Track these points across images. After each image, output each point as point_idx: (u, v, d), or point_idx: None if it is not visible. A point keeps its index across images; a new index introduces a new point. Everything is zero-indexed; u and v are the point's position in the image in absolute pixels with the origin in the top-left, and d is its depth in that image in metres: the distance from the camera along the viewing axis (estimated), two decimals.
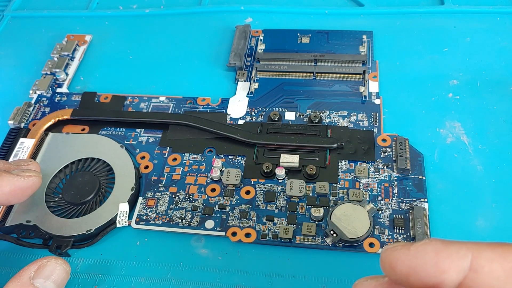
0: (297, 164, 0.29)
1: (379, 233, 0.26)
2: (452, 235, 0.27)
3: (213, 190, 0.29)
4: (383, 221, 0.27)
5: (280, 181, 0.29)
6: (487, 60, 0.34)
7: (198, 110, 0.34)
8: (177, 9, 0.42)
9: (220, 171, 0.30)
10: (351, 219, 0.26)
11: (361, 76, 0.34)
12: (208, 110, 0.34)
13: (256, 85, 0.35)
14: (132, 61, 0.38)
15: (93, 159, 0.31)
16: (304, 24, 0.39)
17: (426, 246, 0.14)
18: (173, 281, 0.26)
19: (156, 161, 0.31)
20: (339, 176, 0.29)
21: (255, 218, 0.28)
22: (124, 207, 0.28)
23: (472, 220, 0.27)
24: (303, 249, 0.27)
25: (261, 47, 0.37)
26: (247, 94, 0.34)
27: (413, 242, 0.14)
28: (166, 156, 0.31)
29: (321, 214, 0.27)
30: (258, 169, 0.30)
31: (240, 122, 0.32)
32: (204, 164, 0.31)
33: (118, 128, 0.33)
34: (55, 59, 0.38)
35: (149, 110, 0.34)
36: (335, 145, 0.30)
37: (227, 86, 0.35)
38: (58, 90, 0.36)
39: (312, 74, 0.35)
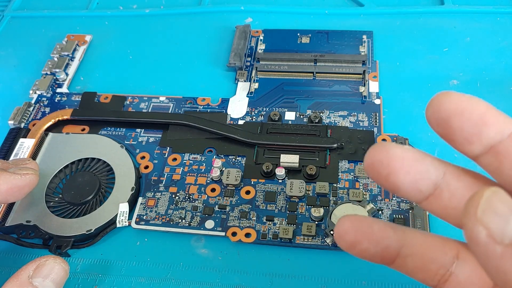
0: (297, 164, 0.29)
1: None
2: (452, 235, 0.27)
3: (213, 190, 0.29)
4: None
5: (280, 181, 0.29)
6: (487, 60, 0.34)
7: (198, 110, 0.34)
8: (177, 9, 0.42)
9: (220, 171, 0.30)
10: None
11: (361, 76, 0.34)
12: (208, 110, 0.34)
13: (256, 85, 0.35)
14: (132, 61, 0.38)
15: (93, 159, 0.31)
16: (304, 24, 0.39)
17: (479, 100, 0.14)
18: (173, 281, 0.26)
19: (156, 161, 0.31)
20: (339, 176, 0.29)
21: (255, 218, 0.28)
22: (124, 207, 0.28)
23: None
24: (303, 249, 0.27)
25: (261, 47, 0.37)
26: (247, 94, 0.34)
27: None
28: (166, 156, 0.31)
29: (321, 214, 0.27)
30: (258, 169, 0.30)
31: (240, 122, 0.32)
32: (204, 164, 0.31)
33: (118, 128, 0.33)
34: (55, 59, 0.38)
35: (149, 110, 0.34)
36: (335, 145, 0.30)
37: (227, 86, 0.35)
38: (58, 90, 0.36)
39: (312, 74, 0.35)
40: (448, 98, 0.14)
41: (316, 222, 0.27)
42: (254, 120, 0.33)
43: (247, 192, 0.29)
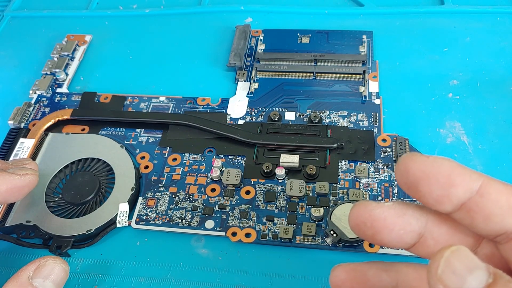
0: (297, 164, 0.29)
1: None
2: None
3: (213, 190, 0.29)
4: None
5: (280, 181, 0.29)
6: (487, 60, 0.34)
7: (198, 110, 0.34)
8: (177, 9, 0.42)
9: (220, 171, 0.30)
10: None
11: (361, 76, 0.34)
12: (208, 110, 0.34)
13: (256, 85, 0.35)
14: (132, 61, 0.38)
15: (93, 159, 0.31)
16: (304, 24, 0.39)
17: (444, 160, 0.14)
18: (173, 281, 0.26)
19: (156, 161, 0.31)
20: (339, 176, 0.29)
21: (255, 218, 0.28)
22: (124, 207, 0.28)
23: None
24: (303, 249, 0.27)
25: (261, 47, 0.37)
26: (247, 94, 0.34)
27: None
28: (166, 156, 0.31)
29: (321, 214, 0.27)
30: (258, 169, 0.30)
31: (240, 122, 0.32)
32: (204, 164, 0.31)
33: (118, 128, 0.33)
34: (55, 59, 0.38)
35: (149, 110, 0.34)
36: (335, 145, 0.30)
37: (227, 86, 0.35)
38: (58, 90, 0.36)
39: (312, 74, 0.35)
40: (413, 163, 0.14)
41: (316, 222, 0.27)
42: (254, 120, 0.33)
43: (247, 192, 0.29)
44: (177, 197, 0.29)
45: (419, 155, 0.15)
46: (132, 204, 0.29)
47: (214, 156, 0.31)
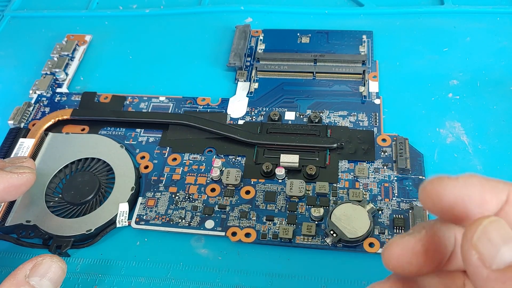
0: (297, 164, 0.29)
1: (379, 233, 0.26)
2: None
3: (213, 190, 0.29)
4: (383, 221, 0.27)
5: (280, 181, 0.29)
6: (487, 60, 0.34)
7: (198, 110, 0.34)
8: (177, 9, 0.42)
9: (220, 171, 0.30)
10: (351, 219, 0.26)
11: (361, 76, 0.34)
12: (208, 110, 0.34)
13: (256, 85, 0.35)
14: (132, 61, 0.38)
15: (93, 159, 0.31)
16: (304, 24, 0.39)
17: (473, 179, 0.14)
18: (173, 281, 0.26)
19: (156, 161, 0.31)
20: (339, 176, 0.29)
21: (255, 218, 0.28)
22: (124, 207, 0.28)
23: None
24: (303, 249, 0.27)
25: (261, 47, 0.37)
26: (247, 94, 0.34)
27: (453, 176, 0.15)
28: (166, 156, 0.31)
29: (321, 214, 0.27)
30: (258, 169, 0.30)
31: (240, 122, 0.32)
32: (204, 164, 0.31)
33: (118, 128, 0.33)
34: (55, 59, 0.38)
35: (149, 110, 0.34)
36: (335, 145, 0.30)
37: (227, 86, 0.35)
38: (58, 90, 0.36)
39: (312, 74, 0.35)
40: (445, 189, 0.14)
41: (316, 222, 0.27)
42: (254, 120, 0.33)
43: (247, 192, 0.29)
44: (177, 197, 0.29)
45: (446, 178, 0.15)
46: (132, 204, 0.29)
47: (214, 156, 0.31)
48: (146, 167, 0.31)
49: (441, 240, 0.16)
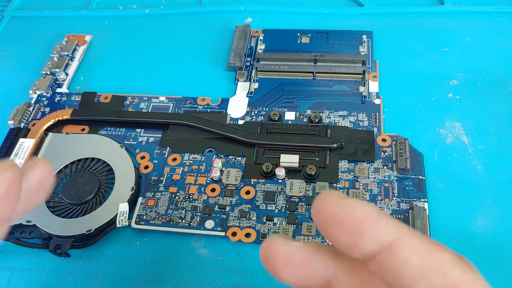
0: (297, 164, 0.29)
1: None
2: (452, 235, 0.27)
3: (213, 190, 0.29)
4: None
5: (280, 181, 0.29)
6: (487, 60, 0.34)
7: (198, 110, 0.34)
8: (177, 9, 0.42)
9: (220, 171, 0.30)
10: None
11: (361, 76, 0.34)
12: (208, 110, 0.34)
13: (256, 85, 0.35)
14: (132, 61, 0.38)
15: (93, 159, 0.31)
16: (304, 24, 0.39)
17: (357, 205, 0.13)
18: (173, 281, 0.26)
19: (156, 161, 0.31)
20: (339, 176, 0.29)
21: (255, 218, 0.28)
22: (124, 207, 0.28)
23: (472, 220, 0.27)
24: None
25: (261, 47, 0.37)
26: (247, 94, 0.34)
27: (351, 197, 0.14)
28: (166, 156, 0.31)
29: None
30: (258, 169, 0.30)
31: (240, 122, 0.32)
32: (204, 164, 0.31)
33: (118, 128, 0.33)
34: (55, 59, 0.38)
35: (149, 110, 0.34)
36: (335, 145, 0.30)
37: (227, 86, 0.35)
38: (58, 90, 0.36)
39: (312, 74, 0.35)
40: (325, 204, 0.13)
41: None
42: (254, 120, 0.33)
43: (247, 192, 0.29)
44: (177, 197, 0.29)
45: (336, 194, 0.13)
46: (132, 204, 0.29)
47: (214, 156, 0.31)
48: (146, 167, 0.31)
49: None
